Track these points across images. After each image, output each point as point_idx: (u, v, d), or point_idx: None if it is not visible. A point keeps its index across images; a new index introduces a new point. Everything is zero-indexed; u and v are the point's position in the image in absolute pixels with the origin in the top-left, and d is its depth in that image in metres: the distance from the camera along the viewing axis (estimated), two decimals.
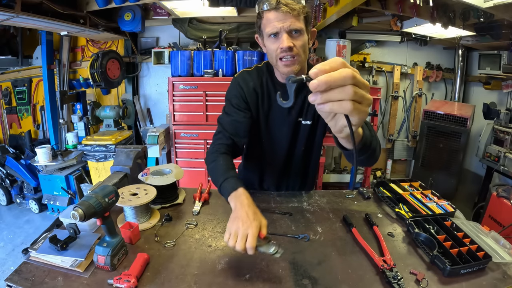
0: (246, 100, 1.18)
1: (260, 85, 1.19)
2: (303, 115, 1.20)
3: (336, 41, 3.21)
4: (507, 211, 2.25)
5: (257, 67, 1.23)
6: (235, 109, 1.18)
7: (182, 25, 3.39)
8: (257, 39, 1.15)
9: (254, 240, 0.76)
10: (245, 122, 1.17)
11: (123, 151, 1.37)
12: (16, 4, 2.15)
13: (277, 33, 1.01)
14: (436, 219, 1.02)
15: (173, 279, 0.78)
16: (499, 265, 0.84)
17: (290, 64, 1.03)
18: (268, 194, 1.28)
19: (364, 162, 0.92)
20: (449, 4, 2.41)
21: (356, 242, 0.94)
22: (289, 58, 1.02)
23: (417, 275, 0.78)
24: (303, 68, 1.11)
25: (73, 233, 0.87)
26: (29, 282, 0.75)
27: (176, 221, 1.06)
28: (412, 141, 3.85)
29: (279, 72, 1.14)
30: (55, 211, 3.10)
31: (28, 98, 4.03)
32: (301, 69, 1.08)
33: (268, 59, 1.13)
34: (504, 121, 2.75)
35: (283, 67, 1.04)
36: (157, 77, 3.84)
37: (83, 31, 3.00)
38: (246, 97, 1.18)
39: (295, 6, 0.98)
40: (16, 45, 3.81)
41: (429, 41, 3.52)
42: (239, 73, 1.23)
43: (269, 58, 1.11)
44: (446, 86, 3.87)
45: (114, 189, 0.85)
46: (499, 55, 2.96)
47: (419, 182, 1.33)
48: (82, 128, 3.52)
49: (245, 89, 1.18)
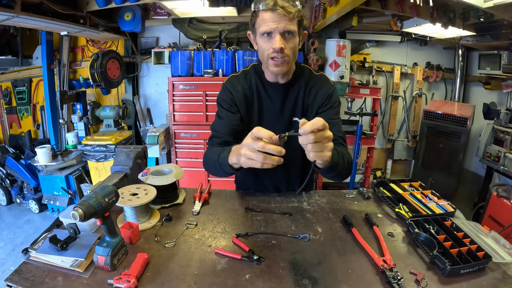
0: (236, 103, 1.22)
1: (249, 87, 1.22)
2: (296, 113, 1.22)
3: (336, 41, 3.21)
4: (507, 211, 2.25)
5: (245, 71, 1.27)
6: (227, 111, 1.21)
7: (182, 25, 3.39)
8: (249, 36, 1.18)
9: (269, 132, 0.84)
10: (237, 122, 1.20)
11: (123, 151, 1.37)
12: (16, 4, 2.15)
13: (271, 33, 1.04)
14: (436, 219, 1.01)
15: (173, 279, 0.78)
16: (499, 265, 0.84)
17: (279, 64, 1.08)
18: (268, 194, 1.28)
19: (334, 178, 1.13)
20: (449, 4, 2.41)
21: (356, 242, 0.94)
22: (280, 59, 1.06)
23: (417, 275, 0.78)
24: (291, 68, 1.18)
25: (73, 233, 0.87)
26: (29, 282, 0.75)
27: (176, 221, 1.06)
28: (412, 141, 3.85)
29: (268, 71, 1.17)
30: (55, 211, 3.10)
31: (28, 98, 4.04)
32: (289, 70, 1.15)
33: (259, 57, 1.16)
34: (504, 121, 2.75)
35: (273, 66, 1.09)
36: (157, 77, 3.84)
37: (83, 31, 3.01)
38: (235, 101, 1.22)
39: (291, 9, 1.01)
40: (16, 45, 3.81)
41: (429, 41, 3.52)
42: (227, 79, 1.27)
43: (260, 56, 1.14)
44: (446, 86, 3.87)
45: (114, 189, 0.85)
46: (499, 55, 2.96)
47: (419, 182, 1.33)
48: (82, 128, 3.53)
49: (234, 94, 1.21)
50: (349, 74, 3.34)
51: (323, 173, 1.06)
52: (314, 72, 1.25)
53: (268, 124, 1.23)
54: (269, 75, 1.19)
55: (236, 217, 1.10)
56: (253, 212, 1.12)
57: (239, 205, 1.19)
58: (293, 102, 1.22)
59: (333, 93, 1.21)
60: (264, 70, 1.22)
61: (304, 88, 1.21)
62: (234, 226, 1.03)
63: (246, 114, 1.23)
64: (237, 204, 1.20)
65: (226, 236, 0.97)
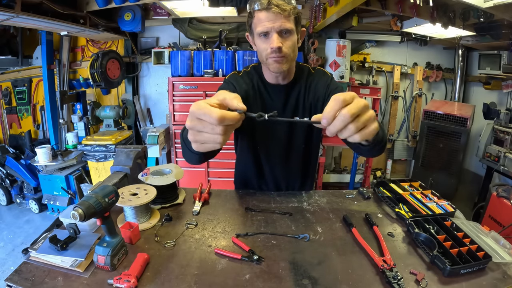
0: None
1: (252, 87, 1.20)
2: (298, 114, 1.22)
3: (336, 41, 3.21)
4: (507, 211, 2.25)
5: (246, 71, 1.25)
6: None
7: (182, 25, 3.39)
8: (247, 37, 1.17)
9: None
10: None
11: (123, 151, 1.37)
12: (16, 4, 2.15)
13: (268, 32, 1.03)
14: (436, 219, 1.01)
15: (173, 279, 0.78)
16: (499, 265, 0.84)
17: (279, 61, 1.06)
18: (268, 194, 1.28)
19: (376, 154, 0.99)
20: (449, 4, 2.41)
21: (356, 242, 0.94)
22: (278, 58, 1.05)
23: (417, 275, 0.78)
24: (292, 67, 1.16)
25: (73, 233, 0.87)
26: (29, 282, 0.75)
27: (176, 221, 1.06)
28: (412, 141, 3.85)
29: (268, 71, 1.16)
30: (55, 211, 3.10)
31: (28, 98, 4.04)
32: (290, 69, 1.13)
33: (258, 58, 1.15)
34: (504, 121, 2.75)
35: (273, 64, 1.07)
36: (157, 77, 3.84)
37: (83, 31, 3.01)
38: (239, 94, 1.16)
39: (285, 7, 1.00)
40: (16, 45, 3.81)
41: (429, 41, 3.52)
42: (230, 75, 1.24)
43: (259, 57, 1.13)
44: (446, 86, 3.87)
45: (114, 189, 0.85)
46: (499, 55, 2.96)
47: (419, 182, 1.33)
48: (82, 128, 3.52)
49: (238, 88, 1.17)
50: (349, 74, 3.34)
51: (368, 150, 0.89)
52: (311, 70, 1.24)
53: (269, 127, 1.24)
54: (270, 76, 1.18)
55: (236, 217, 1.10)
56: (253, 212, 1.12)
57: (239, 205, 1.19)
58: (294, 103, 1.21)
59: (331, 82, 1.20)
60: (264, 72, 1.20)
61: (304, 87, 1.21)
62: (234, 226, 1.03)
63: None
64: (237, 204, 1.20)
65: (226, 236, 0.97)
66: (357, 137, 0.60)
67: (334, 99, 0.58)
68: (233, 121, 0.58)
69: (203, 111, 0.57)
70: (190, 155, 0.91)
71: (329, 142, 3.27)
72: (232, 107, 0.61)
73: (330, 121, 0.59)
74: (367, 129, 0.61)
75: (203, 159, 0.95)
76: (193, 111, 0.58)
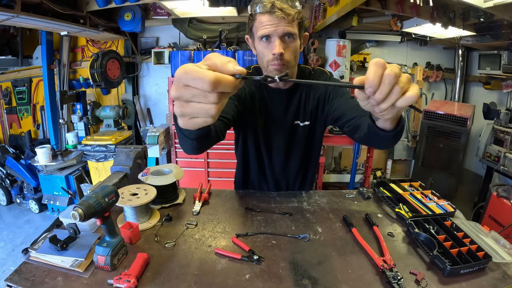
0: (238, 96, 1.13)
1: (253, 91, 1.18)
2: (300, 117, 1.21)
3: (336, 41, 3.21)
4: (507, 211, 2.25)
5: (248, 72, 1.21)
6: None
7: (182, 25, 3.39)
8: (247, 40, 1.14)
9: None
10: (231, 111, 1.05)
11: (123, 151, 1.37)
12: (16, 4, 2.15)
13: (269, 36, 1.00)
14: (436, 219, 1.01)
15: (173, 279, 0.78)
16: (499, 265, 0.84)
17: (280, 69, 1.02)
18: (268, 194, 1.28)
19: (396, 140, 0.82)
20: (449, 4, 2.42)
21: (356, 242, 0.94)
22: (279, 66, 1.01)
23: (417, 275, 0.78)
24: (293, 72, 1.12)
25: (73, 233, 0.87)
26: (29, 282, 0.75)
27: (176, 221, 1.06)
28: (412, 141, 3.85)
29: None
30: (55, 211, 3.10)
31: (28, 98, 4.04)
32: (291, 74, 1.09)
33: (258, 62, 1.12)
34: (504, 121, 2.76)
35: (273, 72, 1.02)
36: (157, 77, 3.84)
37: (83, 31, 3.01)
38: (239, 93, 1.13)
39: (290, 11, 0.96)
40: (16, 45, 3.81)
41: (429, 41, 3.53)
42: None
43: (259, 61, 1.10)
44: (446, 86, 3.87)
45: (114, 189, 0.85)
46: (499, 55, 2.96)
47: (419, 182, 1.33)
48: (82, 128, 3.53)
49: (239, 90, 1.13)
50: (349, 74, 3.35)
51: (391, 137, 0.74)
52: (311, 71, 1.23)
53: (271, 130, 1.24)
54: None
55: (236, 217, 1.10)
56: (253, 212, 1.12)
57: (239, 205, 1.19)
58: (295, 106, 1.19)
59: (330, 80, 1.19)
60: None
61: (305, 91, 1.20)
62: (234, 226, 1.03)
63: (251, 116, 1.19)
64: (237, 204, 1.20)
65: (226, 236, 0.97)
66: (402, 102, 0.51)
67: (373, 63, 0.50)
68: (230, 87, 0.45)
69: (191, 75, 0.43)
70: (183, 140, 0.76)
71: (329, 142, 3.27)
72: (227, 72, 0.46)
73: (376, 87, 0.50)
74: (411, 92, 0.51)
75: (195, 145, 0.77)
76: (180, 76, 0.44)
